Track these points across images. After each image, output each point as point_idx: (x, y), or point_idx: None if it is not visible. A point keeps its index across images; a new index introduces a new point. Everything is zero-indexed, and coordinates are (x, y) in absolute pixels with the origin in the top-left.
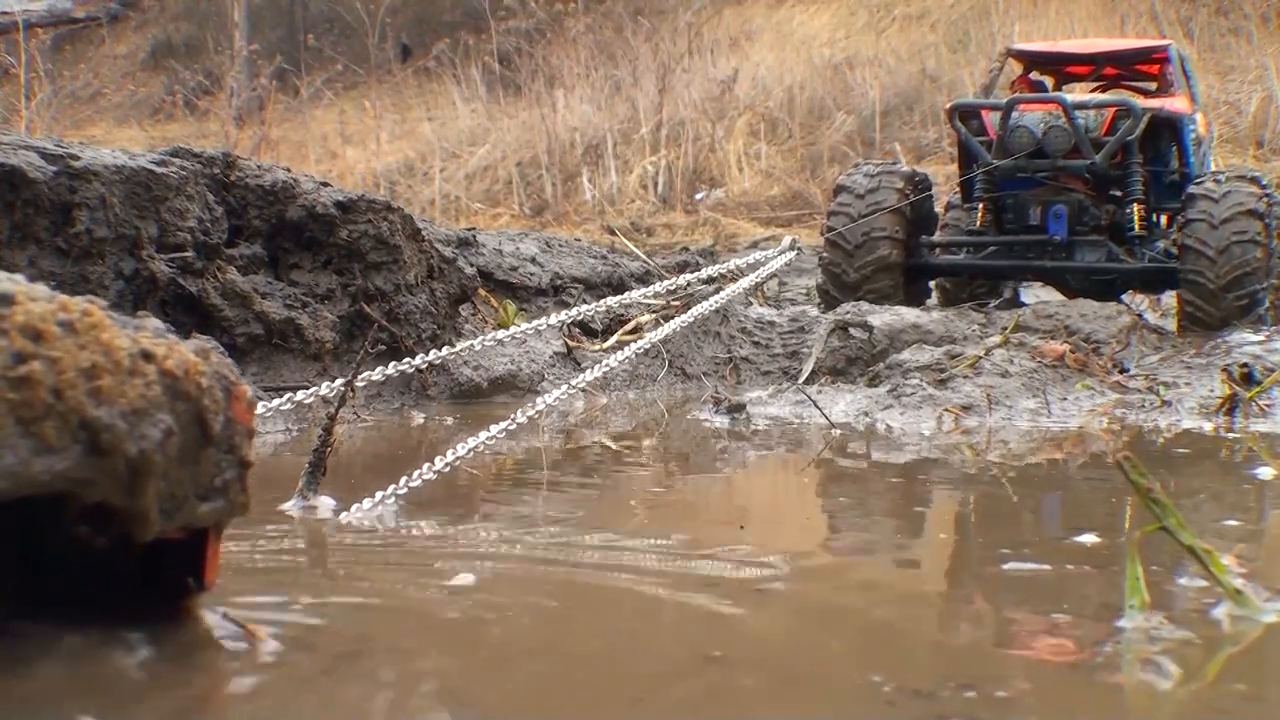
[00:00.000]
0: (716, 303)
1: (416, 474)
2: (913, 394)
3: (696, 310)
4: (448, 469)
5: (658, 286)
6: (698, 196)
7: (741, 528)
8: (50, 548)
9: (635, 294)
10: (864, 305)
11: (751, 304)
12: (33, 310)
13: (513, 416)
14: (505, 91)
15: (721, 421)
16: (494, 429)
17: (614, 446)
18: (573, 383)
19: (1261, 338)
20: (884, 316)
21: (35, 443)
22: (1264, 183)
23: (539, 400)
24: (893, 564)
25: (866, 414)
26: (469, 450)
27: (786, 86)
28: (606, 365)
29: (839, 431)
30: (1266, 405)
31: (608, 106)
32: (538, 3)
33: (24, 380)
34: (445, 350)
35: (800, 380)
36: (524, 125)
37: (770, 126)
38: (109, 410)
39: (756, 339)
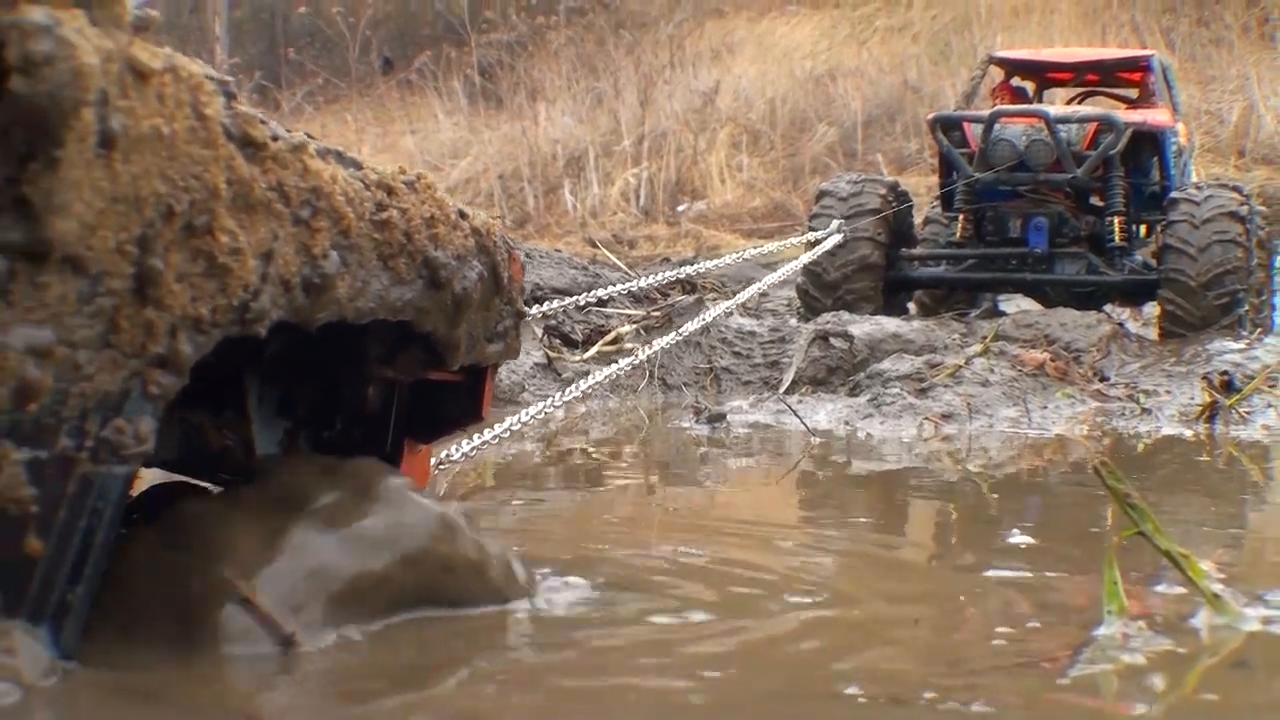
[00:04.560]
0: (784, 274)
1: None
2: (893, 403)
3: (745, 294)
4: None
5: (637, 283)
6: (680, 208)
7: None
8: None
9: (613, 290)
10: (844, 315)
11: (732, 314)
12: (382, 170)
13: (494, 429)
14: (487, 104)
15: (702, 430)
16: (477, 440)
17: (597, 455)
18: (560, 397)
19: (1242, 345)
20: (864, 326)
21: (392, 275)
22: (1245, 192)
23: (525, 411)
24: (870, 569)
25: (847, 422)
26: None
27: (768, 98)
28: (594, 381)
29: (819, 440)
30: (1246, 412)
31: (589, 119)
32: (519, 15)
33: (384, 223)
34: None
35: (781, 390)
36: (506, 138)
37: (752, 138)
38: (444, 252)
39: (737, 349)
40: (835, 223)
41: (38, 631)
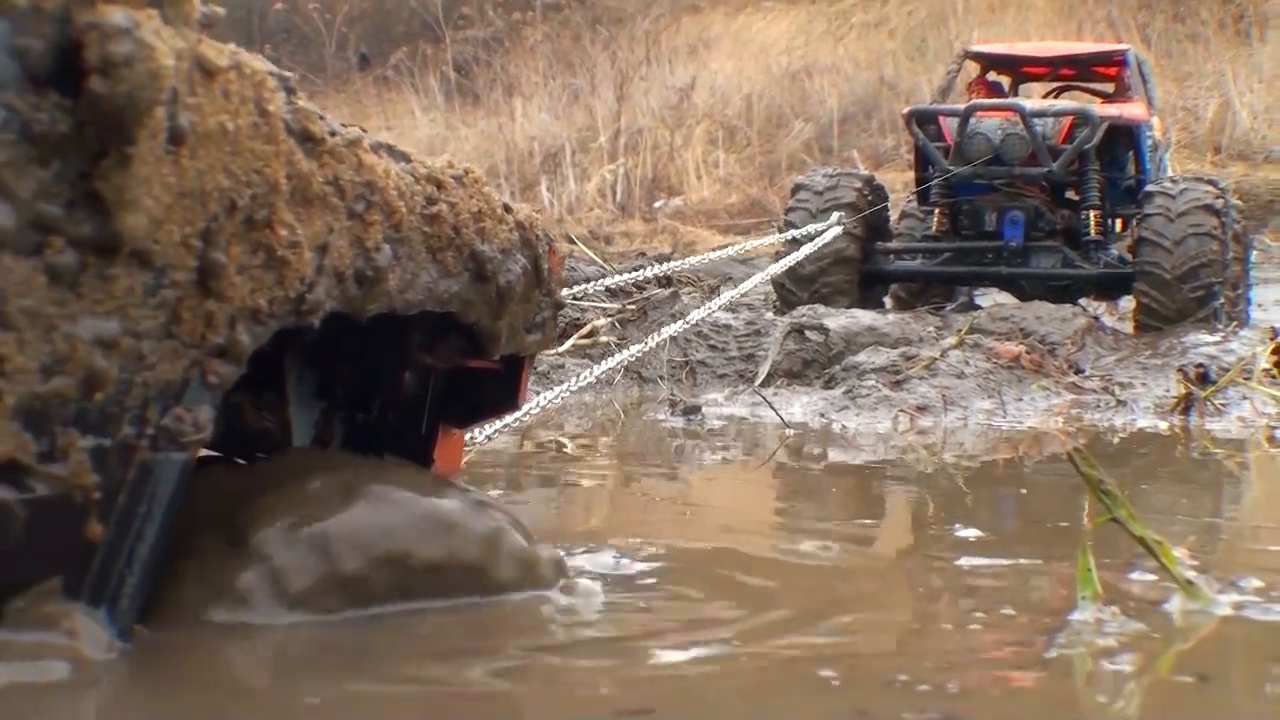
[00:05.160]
0: (778, 269)
1: None
2: (868, 395)
3: (741, 289)
4: None
5: (612, 279)
6: (656, 205)
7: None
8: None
9: (588, 286)
10: (820, 308)
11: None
12: (431, 164)
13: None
14: (464, 101)
15: (678, 423)
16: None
17: (572, 447)
18: (563, 389)
19: (1217, 338)
20: (840, 319)
21: (440, 268)
22: (1221, 186)
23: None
24: (845, 559)
25: (822, 415)
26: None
27: (745, 94)
28: (584, 380)
29: (794, 432)
30: (1221, 404)
31: (566, 115)
32: (495, 12)
33: (434, 218)
34: None
35: (757, 382)
36: (482, 134)
37: (729, 134)
38: (490, 246)
39: (713, 342)
40: (835, 215)
41: (97, 613)
